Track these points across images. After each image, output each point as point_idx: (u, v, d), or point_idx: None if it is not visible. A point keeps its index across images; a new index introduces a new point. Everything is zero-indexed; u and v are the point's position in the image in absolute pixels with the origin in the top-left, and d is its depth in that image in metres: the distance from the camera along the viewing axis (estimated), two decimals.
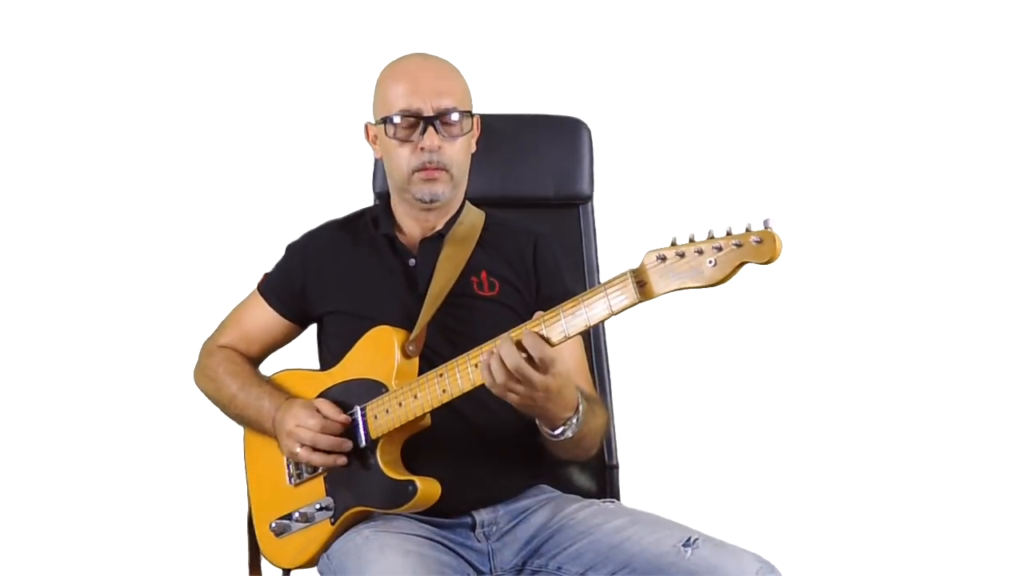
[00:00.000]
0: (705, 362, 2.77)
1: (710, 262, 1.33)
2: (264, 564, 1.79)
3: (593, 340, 1.98)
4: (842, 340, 2.81)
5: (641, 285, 1.39)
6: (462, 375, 1.52)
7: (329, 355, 1.76)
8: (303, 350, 1.85)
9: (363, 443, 1.61)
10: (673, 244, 1.38)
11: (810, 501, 2.67)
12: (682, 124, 2.81)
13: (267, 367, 1.84)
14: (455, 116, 1.69)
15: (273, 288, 1.80)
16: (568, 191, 2.04)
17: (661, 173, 2.80)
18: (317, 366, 1.80)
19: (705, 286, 1.35)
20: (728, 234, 1.34)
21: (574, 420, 1.52)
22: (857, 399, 2.78)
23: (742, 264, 1.33)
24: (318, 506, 1.65)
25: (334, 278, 1.75)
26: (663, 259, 1.37)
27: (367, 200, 2.02)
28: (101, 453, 2.72)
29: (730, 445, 2.72)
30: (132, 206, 2.80)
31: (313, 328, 1.82)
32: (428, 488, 1.58)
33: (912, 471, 2.73)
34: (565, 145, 2.05)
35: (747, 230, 1.33)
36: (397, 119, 1.68)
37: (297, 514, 1.68)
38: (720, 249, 1.33)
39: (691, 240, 1.37)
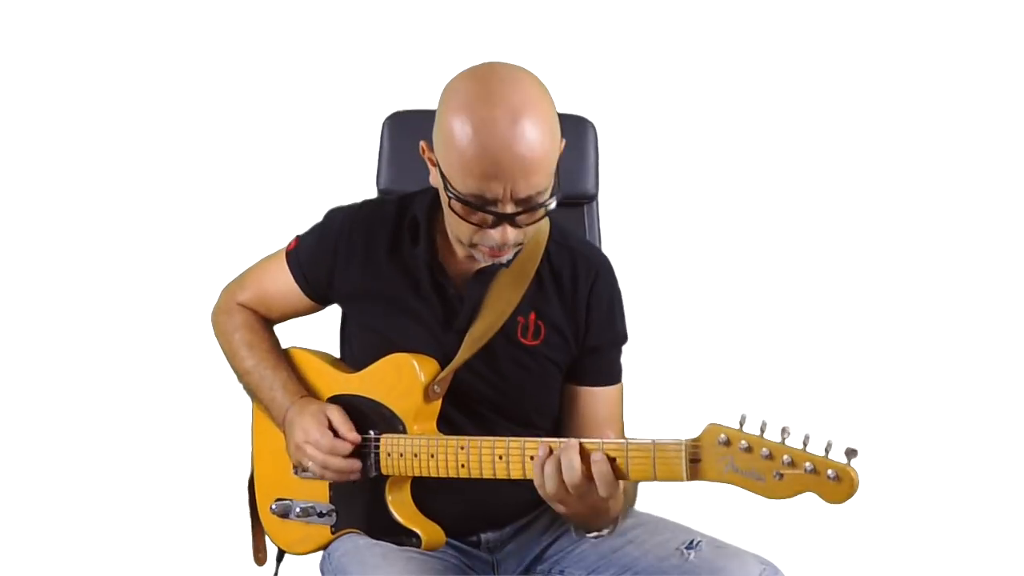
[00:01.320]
0: (705, 362, 2.77)
1: (776, 476, 1.21)
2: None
3: None
4: (843, 339, 2.80)
5: (694, 462, 1.28)
6: (484, 462, 1.44)
7: (349, 351, 1.69)
8: (324, 322, 1.79)
9: (372, 472, 1.55)
10: (741, 427, 1.24)
11: (812, 502, 2.66)
12: (688, 123, 2.81)
13: (285, 330, 1.79)
14: (541, 204, 1.40)
15: (301, 264, 1.67)
16: (573, 190, 2.03)
17: (667, 172, 2.80)
18: (336, 339, 1.75)
19: (762, 496, 1.24)
20: (804, 448, 1.21)
21: (613, 526, 1.47)
22: (858, 399, 2.78)
23: (807, 491, 1.22)
24: (321, 510, 1.62)
25: (363, 288, 1.60)
26: (727, 443, 1.25)
27: (370, 195, 2.01)
28: (104, 441, 2.75)
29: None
30: (137, 201, 2.81)
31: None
32: (431, 539, 1.54)
33: (914, 472, 2.73)
34: (570, 144, 2.01)
35: (826, 453, 1.20)
36: (466, 200, 1.38)
37: (299, 508, 1.64)
38: (792, 464, 1.21)
39: (762, 432, 1.23)
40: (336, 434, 1.55)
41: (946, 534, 2.66)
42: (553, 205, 1.43)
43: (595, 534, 1.46)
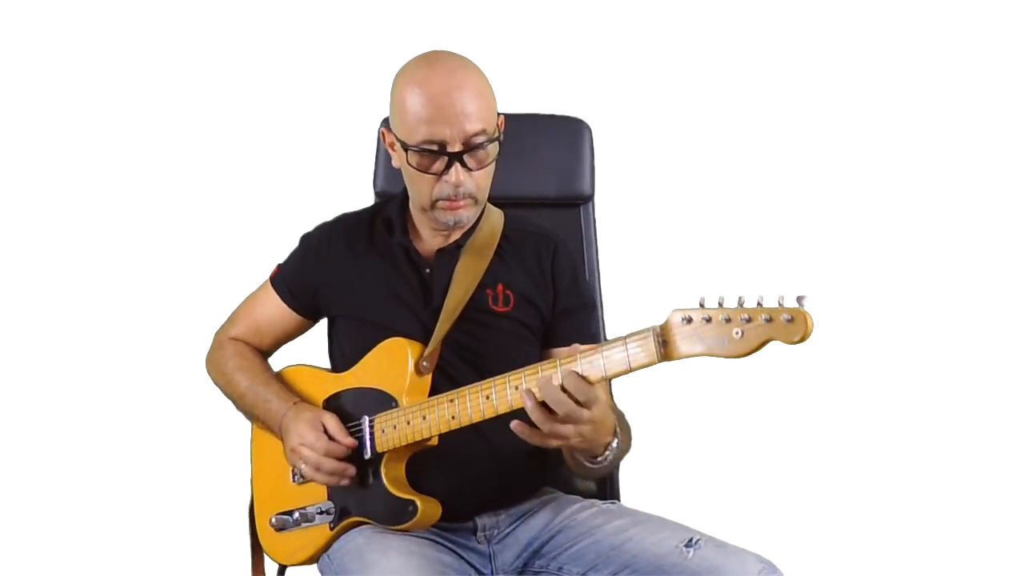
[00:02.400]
0: (705, 361, 2.76)
1: (736, 333, 1.29)
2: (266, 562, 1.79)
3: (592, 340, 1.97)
4: (843, 340, 2.80)
5: (664, 344, 1.35)
6: (472, 405, 1.49)
7: (340, 355, 1.74)
8: (314, 343, 1.83)
9: (368, 455, 1.59)
10: (701, 306, 1.32)
11: (812, 501, 2.67)
12: (683, 124, 2.81)
13: (278, 357, 1.82)
14: (484, 145, 1.58)
15: (285, 282, 1.76)
16: (569, 191, 2.03)
17: (662, 173, 2.79)
18: (327, 360, 1.78)
19: (728, 357, 1.31)
20: (759, 305, 1.29)
21: (614, 443, 1.50)
22: (859, 399, 2.78)
23: (768, 340, 1.28)
24: (318, 509, 1.65)
25: (347, 281, 1.70)
26: (688, 320, 1.32)
27: (367, 198, 2.02)
28: (106, 446, 2.73)
29: (731, 445, 2.71)
30: (135, 205, 2.80)
31: (323, 323, 1.79)
32: (428, 508, 1.56)
33: (913, 471, 2.73)
34: (566, 145, 2.05)
35: (779, 304, 1.28)
36: (419, 150, 1.57)
37: (297, 514, 1.67)
38: (749, 320, 1.28)
39: (720, 304, 1.31)
40: (331, 439, 1.60)
41: (946, 534, 2.65)
42: (495, 151, 1.61)
43: (602, 456, 1.50)
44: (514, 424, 1.41)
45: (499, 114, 1.63)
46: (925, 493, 2.72)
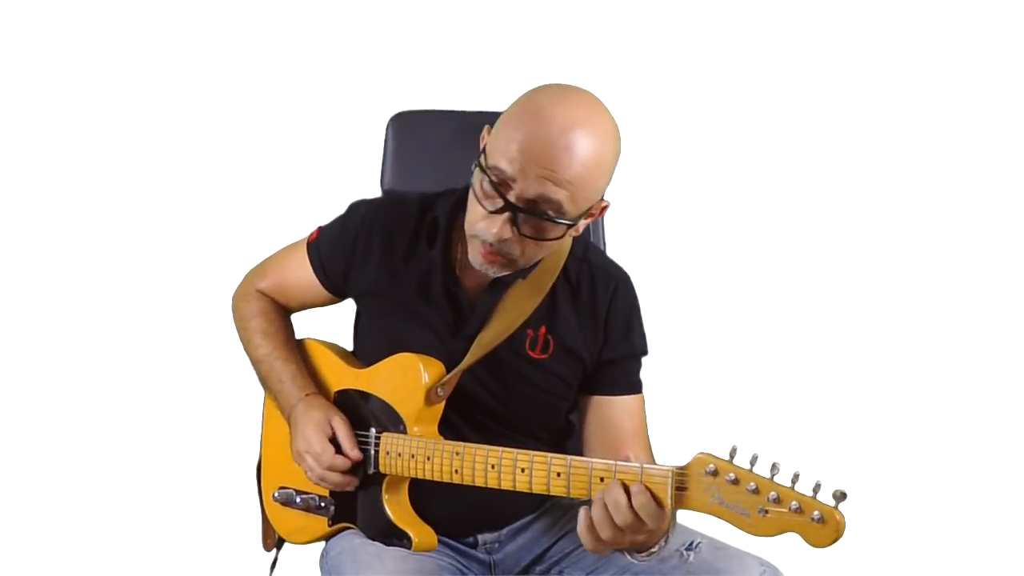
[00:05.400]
0: (707, 361, 2.77)
1: (760, 512, 1.18)
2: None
3: None
4: (843, 340, 2.80)
5: (680, 490, 1.25)
6: (477, 468, 1.44)
7: (361, 345, 1.69)
8: (340, 313, 1.79)
9: (371, 469, 1.57)
10: (731, 458, 1.22)
11: None
12: (692, 127, 2.81)
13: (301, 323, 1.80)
14: (550, 218, 1.36)
15: (320, 256, 1.67)
16: None
17: (673, 176, 2.80)
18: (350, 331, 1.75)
19: (744, 530, 1.21)
20: (792, 486, 1.18)
21: (663, 541, 1.38)
22: (859, 399, 2.78)
23: (790, 532, 1.18)
24: (320, 502, 1.64)
25: (376, 283, 1.60)
26: (714, 473, 1.22)
27: (374, 195, 2.01)
28: (112, 431, 2.77)
29: (731, 446, 2.71)
30: (144, 202, 2.82)
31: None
32: (424, 541, 1.54)
33: (915, 472, 2.73)
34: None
35: (814, 493, 1.17)
36: (486, 176, 1.38)
37: (300, 498, 1.66)
38: (778, 501, 1.18)
39: (751, 466, 1.21)
40: (338, 448, 1.56)
41: (945, 536, 2.65)
42: (559, 234, 1.41)
43: (647, 553, 1.38)
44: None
45: (602, 200, 1.44)
46: (926, 495, 2.72)
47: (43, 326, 2.81)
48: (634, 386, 1.62)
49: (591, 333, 1.56)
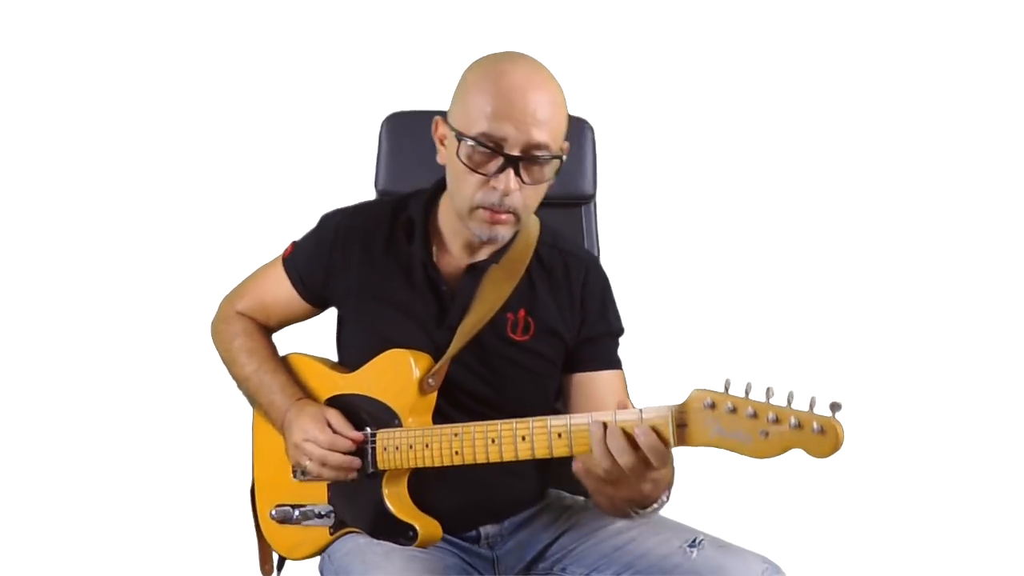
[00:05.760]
0: (707, 361, 2.76)
1: (762, 433, 1.20)
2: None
3: None
4: (845, 341, 2.80)
5: (681, 427, 1.27)
6: (477, 446, 1.45)
7: (346, 351, 1.70)
8: (322, 323, 1.80)
9: (370, 469, 1.56)
10: (726, 390, 1.24)
11: (815, 502, 2.67)
12: (685, 124, 2.81)
13: (282, 341, 1.80)
14: (544, 159, 1.46)
15: (297, 268, 1.70)
16: (571, 190, 2.03)
17: (664, 173, 2.80)
18: (334, 343, 1.75)
19: (750, 456, 1.22)
20: (788, 404, 1.20)
21: (664, 496, 1.42)
22: (861, 399, 2.77)
23: (794, 448, 1.20)
24: (319, 511, 1.63)
25: (358, 288, 1.63)
26: (712, 406, 1.24)
27: (369, 197, 2.01)
28: (108, 450, 2.74)
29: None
30: (136, 204, 2.81)
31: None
32: (428, 532, 1.54)
33: (916, 472, 2.73)
34: (568, 144, 2.05)
35: (811, 408, 1.20)
36: (475, 144, 1.45)
37: (298, 511, 1.65)
38: (776, 421, 1.20)
39: (747, 393, 1.23)
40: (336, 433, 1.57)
41: (946, 534, 2.65)
42: (552, 172, 1.49)
43: (651, 507, 1.41)
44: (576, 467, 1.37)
45: (566, 140, 1.53)
46: (928, 494, 2.72)
47: (38, 330, 2.80)
48: (614, 362, 1.66)
49: (569, 312, 1.62)
